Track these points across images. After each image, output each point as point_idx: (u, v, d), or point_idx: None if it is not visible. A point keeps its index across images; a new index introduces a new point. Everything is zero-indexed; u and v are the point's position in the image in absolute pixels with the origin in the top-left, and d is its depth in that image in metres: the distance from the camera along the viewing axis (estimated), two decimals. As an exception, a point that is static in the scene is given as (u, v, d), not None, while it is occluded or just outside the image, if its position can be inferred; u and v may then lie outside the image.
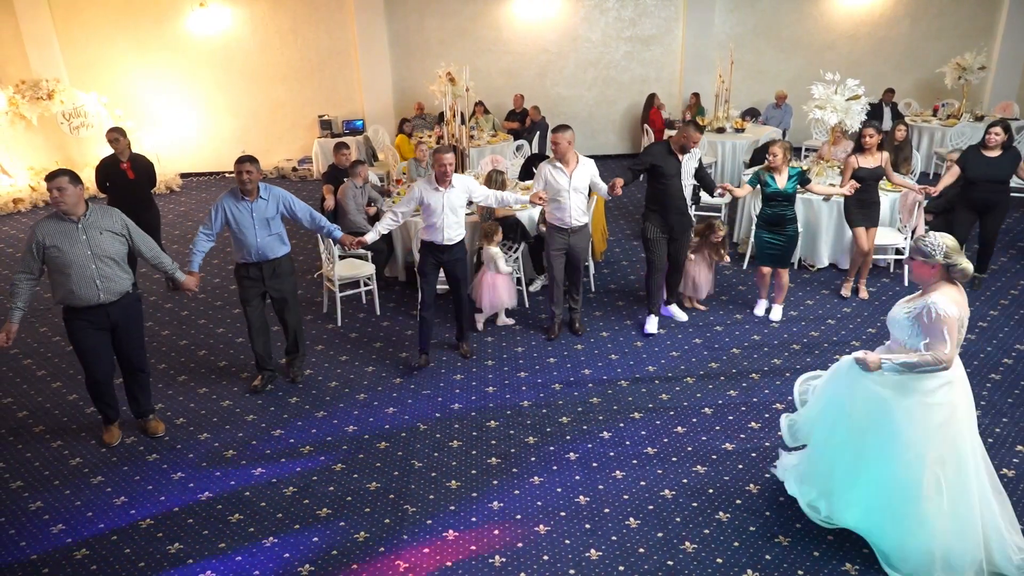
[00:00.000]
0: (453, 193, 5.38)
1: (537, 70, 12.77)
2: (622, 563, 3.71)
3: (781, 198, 5.98)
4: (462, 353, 5.92)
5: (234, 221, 5.06)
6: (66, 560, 3.86)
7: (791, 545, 3.77)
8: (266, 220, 5.09)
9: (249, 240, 5.07)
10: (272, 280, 5.24)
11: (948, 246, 3.25)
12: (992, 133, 6.28)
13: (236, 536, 3.99)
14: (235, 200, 5.08)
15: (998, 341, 5.85)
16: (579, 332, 6.19)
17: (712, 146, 10.52)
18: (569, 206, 5.72)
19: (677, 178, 5.78)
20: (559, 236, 5.84)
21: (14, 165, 11.26)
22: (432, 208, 5.40)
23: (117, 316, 4.56)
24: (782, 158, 5.92)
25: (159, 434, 4.94)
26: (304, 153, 12.70)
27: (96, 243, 4.40)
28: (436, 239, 5.47)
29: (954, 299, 3.25)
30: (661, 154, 5.78)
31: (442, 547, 3.87)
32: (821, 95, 7.62)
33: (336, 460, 4.64)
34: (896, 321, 3.46)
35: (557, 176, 5.69)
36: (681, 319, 6.33)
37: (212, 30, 11.82)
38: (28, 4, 11.06)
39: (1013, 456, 4.42)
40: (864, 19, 12.63)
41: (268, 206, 5.11)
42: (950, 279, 3.32)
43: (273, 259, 5.19)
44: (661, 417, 4.98)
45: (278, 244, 5.20)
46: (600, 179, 5.83)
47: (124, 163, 6.98)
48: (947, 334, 3.21)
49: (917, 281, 3.44)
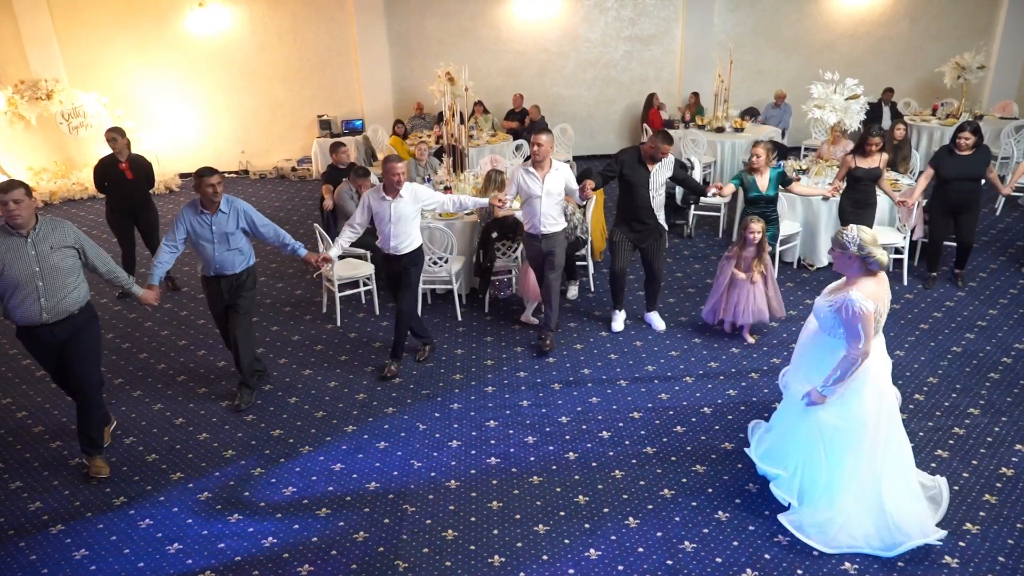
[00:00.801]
0: (402, 203, 5.26)
1: (537, 70, 12.77)
2: (621, 563, 3.71)
3: (764, 200, 5.97)
4: (418, 357, 5.78)
5: (194, 234, 4.91)
6: (65, 560, 3.86)
7: (790, 544, 3.77)
8: (225, 235, 4.90)
9: (207, 254, 4.92)
10: (230, 295, 5.06)
11: (863, 239, 3.44)
12: (961, 138, 6.28)
13: (236, 536, 3.99)
14: (195, 212, 4.91)
15: (997, 340, 5.85)
16: (555, 328, 5.98)
17: (711, 145, 10.53)
18: (539, 211, 5.60)
19: (644, 188, 5.64)
20: (532, 243, 5.79)
21: (13, 165, 11.24)
22: (380, 217, 5.30)
23: (66, 336, 4.26)
24: (765, 160, 5.87)
25: (102, 476, 4.47)
26: (303, 153, 12.70)
27: (45, 259, 4.10)
28: (385, 248, 5.40)
29: (871, 293, 3.44)
30: (631, 162, 5.66)
31: (441, 547, 3.86)
32: (820, 94, 7.62)
33: (335, 460, 4.64)
34: (819, 312, 3.64)
35: (529, 181, 5.59)
36: (659, 328, 6.18)
37: (211, 30, 11.82)
38: (27, 4, 11.05)
39: (1012, 455, 4.42)
40: (863, 19, 12.64)
41: (228, 220, 4.92)
42: (868, 270, 3.48)
43: (231, 274, 5.00)
44: (660, 417, 4.98)
45: (239, 259, 5.01)
46: (576, 185, 5.70)
47: (123, 163, 6.98)
48: (862, 330, 3.40)
49: (839, 272, 3.62)
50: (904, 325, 6.16)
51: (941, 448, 4.51)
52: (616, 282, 6.07)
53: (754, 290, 5.76)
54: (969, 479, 4.22)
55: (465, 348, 6.05)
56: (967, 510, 3.97)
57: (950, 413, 4.89)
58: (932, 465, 4.34)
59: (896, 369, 5.45)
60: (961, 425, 4.75)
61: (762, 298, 5.79)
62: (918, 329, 6.09)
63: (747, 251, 5.69)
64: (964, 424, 4.76)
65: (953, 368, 5.46)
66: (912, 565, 3.61)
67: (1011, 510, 3.96)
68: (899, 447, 3.73)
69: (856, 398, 3.61)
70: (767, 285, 5.81)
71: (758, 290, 5.78)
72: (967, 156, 6.33)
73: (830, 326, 3.58)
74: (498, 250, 6.52)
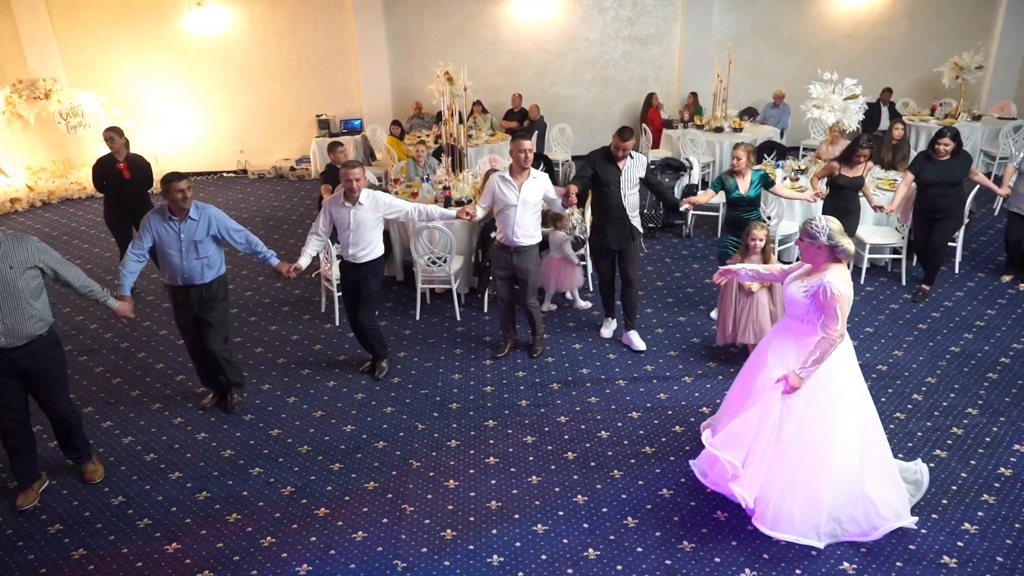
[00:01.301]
0: (362, 210, 5.08)
1: (536, 69, 12.77)
2: (620, 562, 3.71)
3: (744, 203, 5.77)
4: (376, 373, 5.61)
5: (160, 242, 4.67)
6: (64, 560, 3.85)
7: (789, 544, 3.76)
8: (194, 243, 4.67)
9: (173, 263, 4.69)
10: (200, 305, 4.83)
11: (832, 229, 3.54)
12: (941, 144, 6.18)
13: (234, 536, 3.99)
14: (162, 219, 4.66)
15: (995, 340, 5.85)
16: (534, 355, 5.81)
17: (710, 145, 10.53)
18: (513, 222, 5.34)
19: (616, 187, 5.41)
20: (502, 255, 5.51)
21: (11, 165, 11.24)
22: (340, 224, 5.14)
23: (26, 362, 3.98)
24: (745, 162, 5.71)
25: (96, 480, 4.44)
26: (302, 153, 12.69)
27: (5, 280, 3.82)
28: (344, 255, 5.24)
29: (845, 279, 3.56)
30: (602, 161, 5.44)
31: (440, 546, 3.86)
32: (819, 94, 7.62)
33: (334, 460, 4.64)
34: (793, 300, 3.70)
35: (506, 189, 5.33)
36: (639, 348, 5.85)
37: (210, 30, 11.81)
38: (26, 3, 11.05)
39: (1011, 455, 4.42)
40: (862, 19, 12.64)
41: (198, 228, 4.68)
42: (836, 259, 3.60)
43: (201, 284, 4.77)
44: (659, 416, 4.98)
45: (207, 268, 4.77)
46: (554, 194, 5.47)
47: (120, 163, 6.98)
48: (839, 311, 3.51)
49: (806, 261, 3.70)
50: (903, 325, 6.17)
51: (939, 448, 4.51)
52: (603, 288, 5.97)
53: (756, 304, 5.31)
54: (967, 479, 4.22)
55: (464, 348, 6.05)
56: (965, 510, 3.98)
57: (948, 413, 4.90)
58: (931, 465, 4.34)
59: (894, 369, 5.46)
60: (959, 425, 4.75)
61: (765, 313, 5.33)
62: (916, 329, 6.09)
63: (750, 260, 5.22)
64: (962, 424, 4.76)
65: (951, 368, 5.47)
66: (911, 565, 3.61)
67: (1009, 510, 3.96)
68: (875, 431, 3.80)
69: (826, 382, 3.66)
70: (772, 299, 5.36)
71: (760, 304, 5.32)
72: (946, 161, 6.23)
73: (803, 312, 3.66)
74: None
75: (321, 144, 11.89)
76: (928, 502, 4.04)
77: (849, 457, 3.65)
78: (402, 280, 7.44)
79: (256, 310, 6.95)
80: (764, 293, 5.33)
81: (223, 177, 12.62)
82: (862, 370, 5.36)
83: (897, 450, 4.45)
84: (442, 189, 7.31)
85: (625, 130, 5.34)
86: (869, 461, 3.70)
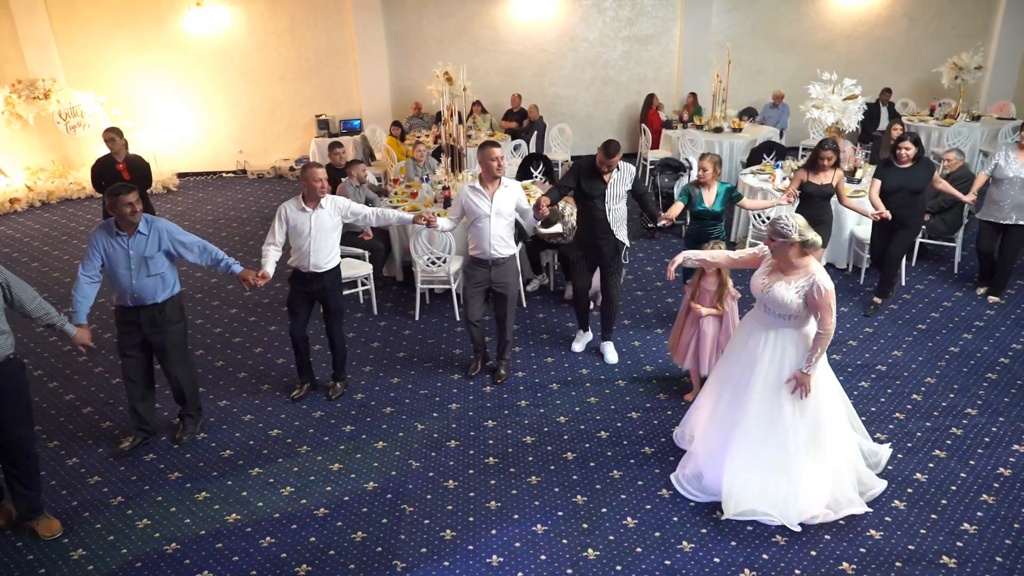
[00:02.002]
0: (323, 214, 4.84)
1: (535, 70, 12.77)
2: (619, 563, 3.71)
3: (709, 216, 5.58)
4: (329, 394, 5.32)
5: (107, 260, 4.33)
6: (63, 560, 3.85)
7: (788, 544, 3.77)
8: (144, 259, 4.33)
9: (123, 282, 4.34)
10: (152, 328, 4.48)
11: (800, 224, 3.65)
12: (902, 148, 6.02)
13: (233, 536, 3.99)
14: (108, 234, 4.33)
15: (995, 340, 5.86)
16: (499, 381, 5.46)
17: (709, 146, 10.53)
18: (488, 234, 5.06)
19: (600, 200, 5.17)
20: (479, 269, 5.20)
21: (10, 165, 11.23)
22: (298, 231, 4.85)
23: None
24: (712, 173, 5.52)
25: (53, 535, 3.98)
26: (301, 153, 12.69)
27: None
28: (303, 265, 4.91)
29: (825, 273, 3.69)
30: (587, 173, 5.19)
31: (440, 547, 3.86)
32: (818, 95, 7.63)
33: (333, 460, 4.64)
34: (778, 301, 3.72)
35: (476, 200, 5.05)
36: (611, 361, 5.68)
37: (209, 30, 11.81)
38: (25, 3, 11.05)
39: (1010, 456, 4.42)
40: (862, 19, 12.65)
41: (148, 243, 4.34)
42: (804, 252, 3.69)
43: (152, 304, 4.43)
44: (658, 417, 4.98)
45: (160, 286, 4.43)
46: (527, 204, 5.23)
47: (120, 163, 6.99)
48: (832, 305, 3.64)
49: (778, 260, 3.76)
50: (902, 325, 6.17)
51: (939, 448, 4.52)
52: (578, 302, 5.74)
53: (701, 332, 4.88)
54: (967, 479, 4.22)
55: (463, 348, 6.05)
56: (964, 510, 3.98)
57: (948, 413, 4.90)
58: (930, 465, 4.35)
59: (894, 369, 5.47)
60: (959, 425, 4.75)
61: (708, 343, 4.86)
62: (916, 329, 6.09)
63: (706, 281, 4.87)
64: (962, 424, 4.76)
65: (951, 368, 5.47)
66: (910, 565, 3.61)
67: (1008, 510, 3.96)
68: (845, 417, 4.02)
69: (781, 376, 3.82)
70: (720, 327, 4.87)
71: (705, 333, 4.87)
72: (907, 168, 6.04)
73: (794, 311, 3.71)
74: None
75: (320, 144, 11.88)
76: (928, 502, 4.04)
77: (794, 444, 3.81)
78: (402, 280, 7.44)
79: (256, 310, 6.95)
80: (712, 322, 4.86)
81: (222, 177, 12.62)
82: (862, 370, 5.43)
83: (897, 450, 4.46)
84: (441, 189, 7.31)
85: (611, 144, 5.05)
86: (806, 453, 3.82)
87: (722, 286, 4.80)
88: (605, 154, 5.03)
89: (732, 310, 4.87)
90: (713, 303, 4.83)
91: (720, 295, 4.81)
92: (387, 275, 7.44)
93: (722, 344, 4.79)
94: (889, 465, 4.29)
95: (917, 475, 4.27)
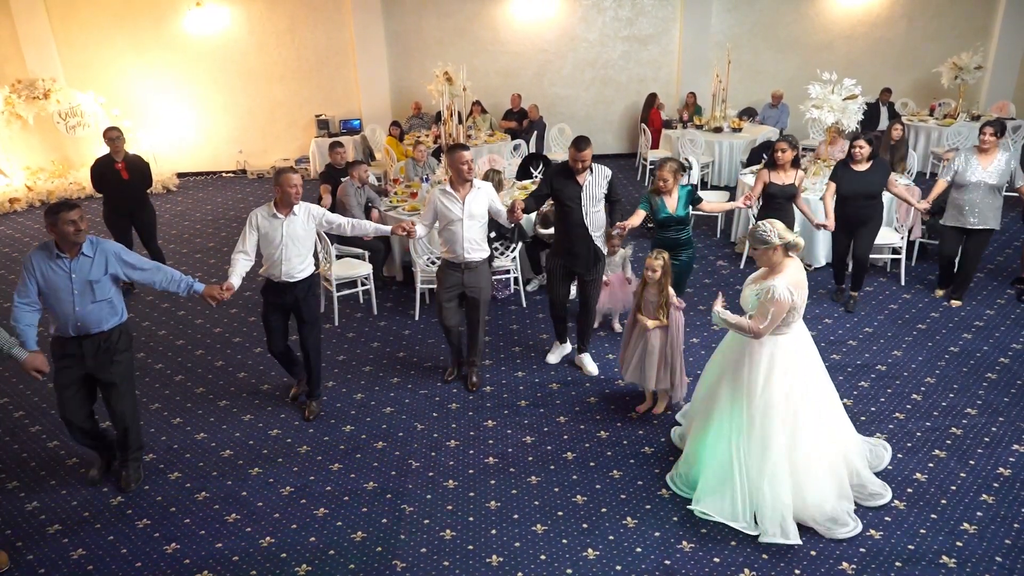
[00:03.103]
0: (296, 221, 4.67)
1: (535, 70, 12.77)
2: (619, 563, 3.71)
3: (674, 222, 5.37)
4: (305, 415, 5.09)
5: (44, 284, 3.88)
6: (62, 560, 3.85)
7: (788, 544, 3.76)
8: (89, 283, 3.92)
9: (64, 309, 3.91)
10: (96, 360, 4.04)
11: (779, 229, 3.70)
12: (857, 147, 5.99)
13: (233, 536, 3.99)
14: (47, 257, 3.90)
15: (994, 340, 5.86)
16: (473, 388, 5.39)
17: (709, 146, 10.55)
18: (461, 237, 4.96)
19: (576, 203, 5.01)
20: (452, 273, 5.09)
21: (10, 165, 11.23)
22: (270, 238, 4.64)
23: None
24: (672, 182, 5.28)
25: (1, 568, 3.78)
26: (301, 153, 12.69)
27: None
28: (275, 274, 4.71)
29: (795, 281, 3.67)
30: (560, 178, 5.05)
31: (439, 547, 3.86)
32: (818, 95, 7.63)
33: (333, 460, 4.64)
34: (746, 301, 3.83)
35: (448, 203, 4.95)
36: (592, 373, 5.53)
37: (209, 30, 11.80)
38: (24, 3, 11.04)
39: (1009, 455, 4.43)
40: (861, 19, 12.65)
41: (93, 266, 3.94)
42: (787, 254, 3.74)
43: (97, 333, 4.01)
44: (658, 417, 4.98)
45: (107, 313, 4.02)
46: (501, 204, 5.14)
47: (119, 163, 6.97)
48: (771, 314, 3.62)
49: (763, 265, 3.80)
50: (901, 325, 6.17)
51: (938, 448, 4.52)
52: (555, 311, 5.55)
53: (646, 343, 4.70)
54: (966, 479, 4.23)
55: (463, 348, 6.05)
56: (964, 510, 3.98)
57: (947, 413, 4.90)
58: (930, 465, 4.35)
59: (893, 369, 5.47)
60: (958, 425, 4.76)
61: (653, 360, 4.70)
62: (916, 329, 6.10)
63: (648, 292, 4.70)
64: (961, 424, 4.77)
65: (951, 368, 5.47)
66: (910, 565, 3.62)
67: (1008, 510, 3.97)
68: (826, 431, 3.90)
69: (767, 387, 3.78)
70: (667, 341, 4.69)
71: (651, 344, 4.69)
72: (864, 171, 6.00)
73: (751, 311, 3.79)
74: (496, 249, 6.52)
75: (320, 144, 11.89)
76: (927, 502, 4.05)
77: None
78: (401, 280, 7.44)
79: (255, 310, 6.94)
80: (658, 334, 4.67)
81: (222, 177, 12.62)
82: (862, 370, 5.43)
83: (896, 450, 4.46)
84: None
85: (581, 140, 4.91)
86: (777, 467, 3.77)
87: (662, 294, 4.63)
88: (576, 149, 4.90)
89: (678, 321, 4.70)
90: (656, 314, 4.65)
91: (661, 305, 4.63)
92: (387, 275, 7.45)
93: (668, 357, 4.70)
94: (889, 465, 4.30)
95: (917, 475, 4.27)
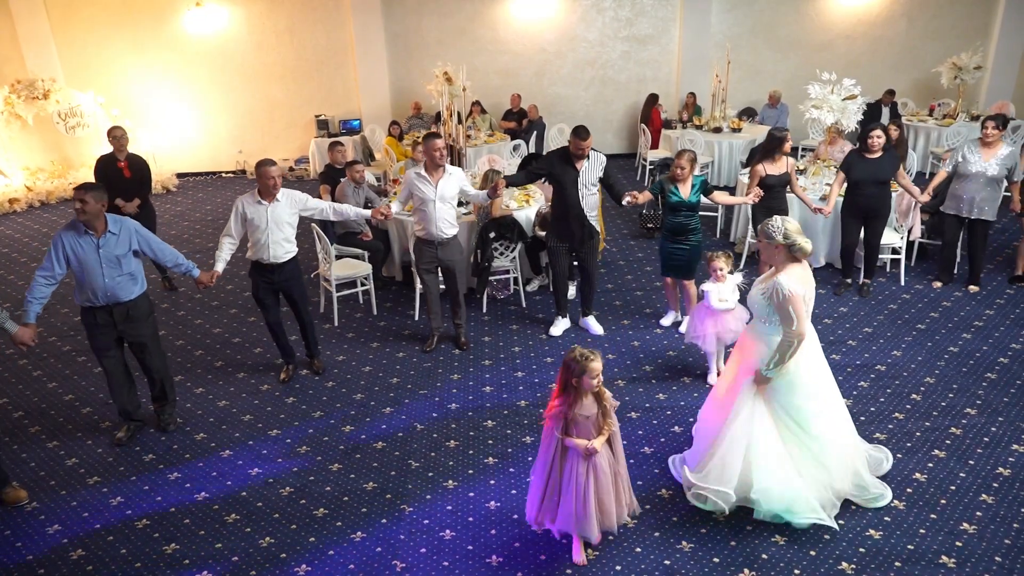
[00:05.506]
0: (279, 207, 5.08)
1: (535, 70, 12.78)
2: (619, 562, 3.71)
3: (685, 208, 5.71)
4: (314, 369, 5.70)
5: (75, 260, 4.37)
6: (62, 561, 3.85)
7: (787, 544, 3.77)
8: (116, 258, 4.42)
9: (95, 281, 4.38)
10: (126, 324, 4.57)
11: (788, 228, 3.68)
12: (873, 136, 6.24)
13: (233, 536, 3.99)
14: (77, 234, 4.41)
15: (994, 340, 5.86)
16: (464, 347, 5.98)
17: (709, 146, 10.55)
18: (435, 217, 5.54)
19: (574, 188, 5.54)
20: (427, 250, 5.69)
21: (10, 165, 11.23)
22: (255, 224, 5.06)
23: None
24: (689, 171, 5.69)
25: (19, 503, 4.26)
26: (301, 153, 12.69)
27: None
28: (263, 257, 5.13)
29: (798, 277, 3.67)
30: (559, 163, 5.58)
31: (439, 547, 3.86)
32: (818, 95, 7.63)
33: (333, 460, 4.64)
34: (753, 302, 3.84)
35: (422, 185, 5.52)
36: (596, 333, 6.12)
37: (209, 30, 11.80)
38: (24, 3, 11.05)
39: (1009, 455, 4.43)
40: (861, 19, 12.65)
41: (119, 242, 4.45)
42: (794, 257, 3.72)
43: (127, 301, 4.51)
44: (658, 416, 4.98)
45: (130, 283, 4.52)
46: (471, 188, 5.78)
47: (121, 162, 7.00)
48: (793, 312, 3.58)
49: (767, 261, 3.85)
50: (901, 325, 6.17)
51: (938, 448, 4.52)
52: (558, 284, 6.05)
53: (594, 479, 3.38)
54: (966, 479, 4.23)
55: (463, 348, 6.04)
56: (964, 510, 3.98)
57: (947, 413, 4.90)
58: (929, 465, 4.35)
59: (893, 369, 5.47)
60: (958, 425, 4.76)
61: (609, 485, 3.41)
62: (915, 329, 6.10)
63: (581, 406, 3.33)
64: (961, 424, 4.77)
65: (950, 368, 5.48)
66: (909, 565, 3.62)
67: (1008, 510, 3.97)
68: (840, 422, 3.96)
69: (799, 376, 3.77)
70: (611, 455, 3.45)
71: (600, 478, 3.39)
72: (876, 159, 6.27)
73: (766, 313, 3.79)
74: (496, 250, 6.52)
75: (320, 144, 11.89)
76: (927, 502, 4.05)
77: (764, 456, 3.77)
78: (401, 280, 7.44)
79: (255, 310, 6.94)
80: (604, 453, 3.43)
81: (222, 177, 12.62)
82: (861, 370, 5.43)
83: (896, 450, 4.46)
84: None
85: (581, 130, 5.44)
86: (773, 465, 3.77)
87: (600, 399, 3.39)
88: (578, 139, 5.41)
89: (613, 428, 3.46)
90: (599, 427, 3.38)
91: (603, 413, 3.38)
92: (386, 275, 7.44)
93: (622, 474, 3.52)
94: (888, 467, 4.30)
95: (916, 475, 4.27)
